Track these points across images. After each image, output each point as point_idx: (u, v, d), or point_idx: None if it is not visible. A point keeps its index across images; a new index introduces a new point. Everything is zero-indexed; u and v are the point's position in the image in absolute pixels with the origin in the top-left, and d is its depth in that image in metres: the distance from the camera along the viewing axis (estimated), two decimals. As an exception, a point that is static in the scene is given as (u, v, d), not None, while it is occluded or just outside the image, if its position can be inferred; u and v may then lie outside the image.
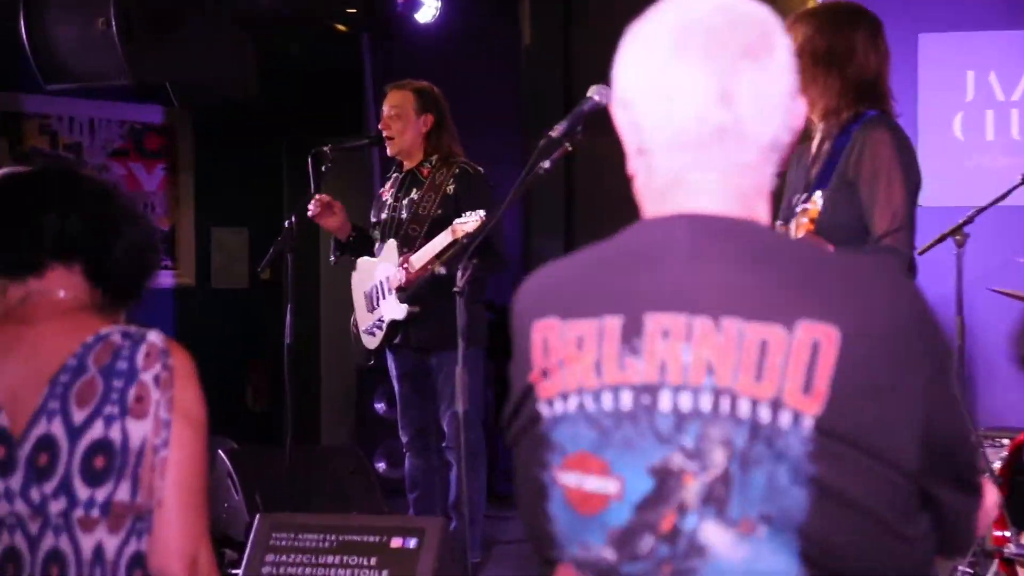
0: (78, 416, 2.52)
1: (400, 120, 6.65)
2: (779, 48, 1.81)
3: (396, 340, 6.74)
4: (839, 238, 4.05)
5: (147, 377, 2.54)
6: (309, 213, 6.31)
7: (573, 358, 1.81)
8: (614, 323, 1.77)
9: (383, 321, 6.78)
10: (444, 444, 6.72)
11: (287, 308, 6.36)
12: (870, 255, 4.04)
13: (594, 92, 3.77)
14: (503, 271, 6.92)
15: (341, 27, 9.37)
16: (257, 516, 5.38)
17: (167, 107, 10.59)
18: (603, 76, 3.39)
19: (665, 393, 1.72)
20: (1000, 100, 7.82)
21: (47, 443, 2.52)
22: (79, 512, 2.48)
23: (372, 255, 6.91)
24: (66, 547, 2.51)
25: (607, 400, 1.76)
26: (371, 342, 6.93)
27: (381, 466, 8.64)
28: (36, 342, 2.60)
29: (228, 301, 11.60)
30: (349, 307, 7.38)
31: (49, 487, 2.50)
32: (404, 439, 6.90)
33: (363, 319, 7.00)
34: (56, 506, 2.49)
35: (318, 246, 10.03)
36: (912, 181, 4.25)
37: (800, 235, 3.92)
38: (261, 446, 8.59)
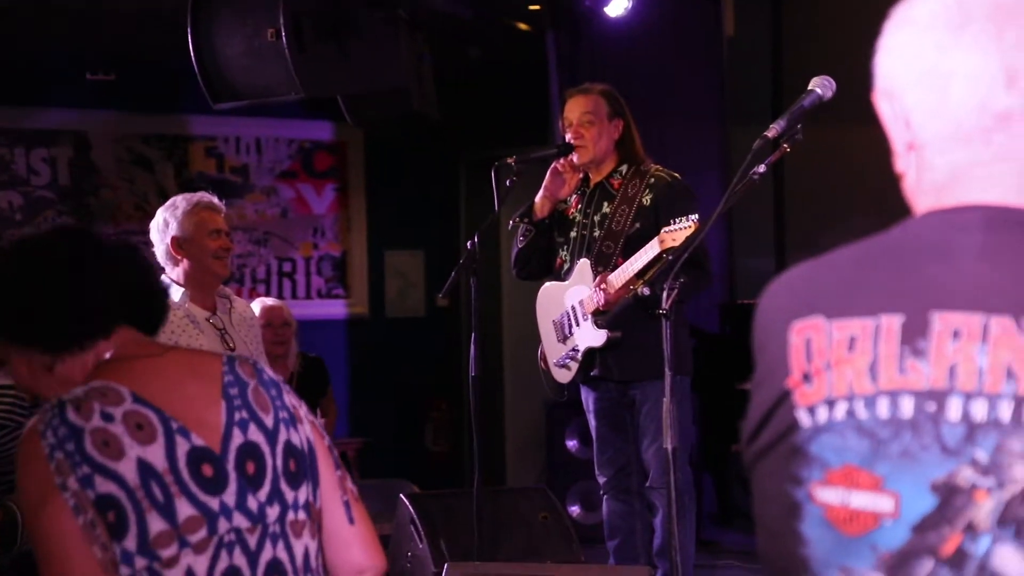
0: (268, 421, 2.60)
1: (595, 126, 6.26)
2: None
3: (593, 371, 6.25)
4: None
5: (285, 388, 2.69)
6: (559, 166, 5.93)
7: (843, 361, 1.67)
8: (893, 322, 1.63)
9: (578, 350, 6.30)
10: (647, 485, 6.15)
11: (469, 338, 6.03)
12: None
13: (816, 85, 3.67)
14: (708, 288, 6.48)
15: (524, 26, 9.19)
16: (445, 566, 5.24)
17: (337, 123, 10.45)
18: (818, 68, 3.45)
19: (955, 400, 1.58)
20: None
21: (252, 451, 2.59)
22: (291, 516, 2.57)
23: (558, 278, 6.45)
24: (283, 555, 2.58)
25: (883, 407, 1.62)
26: (564, 375, 6.46)
27: (575, 510, 8.14)
28: (183, 369, 2.66)
29: (404, 331, 11.31)
30: (535, 335, 6.88)
31: (263, 494, 2.56)
32: (602, 480, 6.44)
33: (553, 350, 6.55)
34: (272, 512, 2.56)
35: (499, 269, 9.70)
36: None
37: None
38: (444, 489, 8.10)
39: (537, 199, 6.44)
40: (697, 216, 5.55)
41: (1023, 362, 1.53)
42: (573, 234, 6.43)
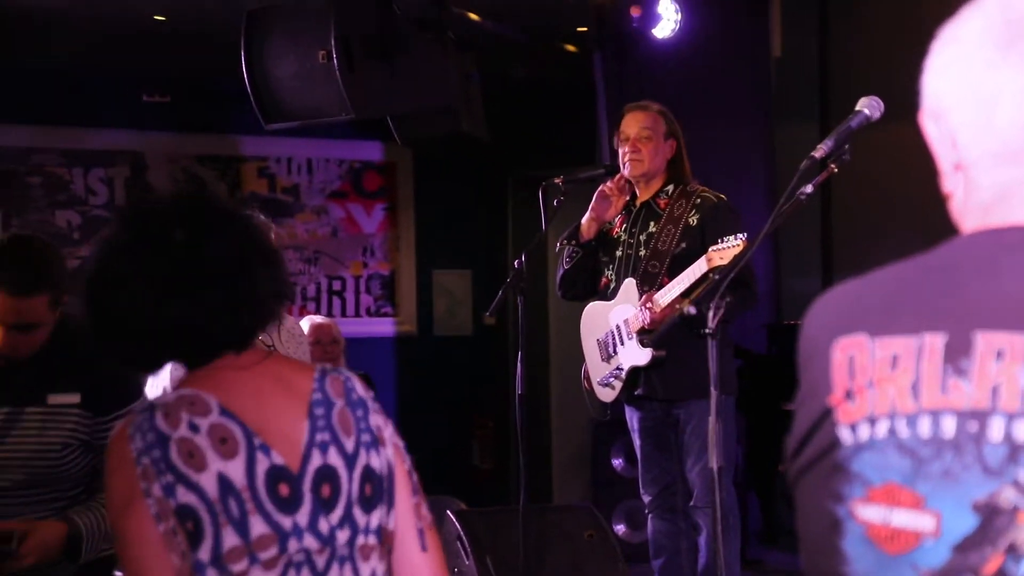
0: (348, 445, 2.62)
1: (651, 142, 6.28)
2: None
3: (637, 391, 6.24)
4: None
5: (373, 407, 2.66)
6: (607, 189, 5.89)
7: (886, 379, 1.69)
8: (936, 341, 1.64)
9: (622, 369, 6.32)
10: (692, 504, 6.15)
11: (516, 356, 6.01)
12: None
13: (864, 105, 3.66)
14: (754, 307, 6.49)
15: (571, 48, 9.06)
16: None
17: (387, 143, 10.51)
18: (865, 88, 3.31)
19: (997, 420, 1.58)
20: None
21: (328, 474, 2.61)
22: (361, 540, 2.59)
23: (604, 297, 6.48)
24: (353, 571, 2.62)
25: (925, 426, 1.64)
26: (608, 395, 6.46)
27: (620, 528, 8.16)
28: (273, 382, 2.70)
29: (451, 349, 11.42)
30: (581, 354, 6.82)
31: (335, 517, 2.59)
32: (647, 499, 6.38)
33: (597, 369, 6.54)
34: (343, 536, 2.58)
35: (546, 288, 9.70)
36: None
37: None
38: (490, 507, 8.14)
39: (584, 220, 6.44)
40: (745, 235, 5.55)
41: None
42: (619, 253, 6.42)
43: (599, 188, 6.37)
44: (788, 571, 7.25)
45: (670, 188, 6.32)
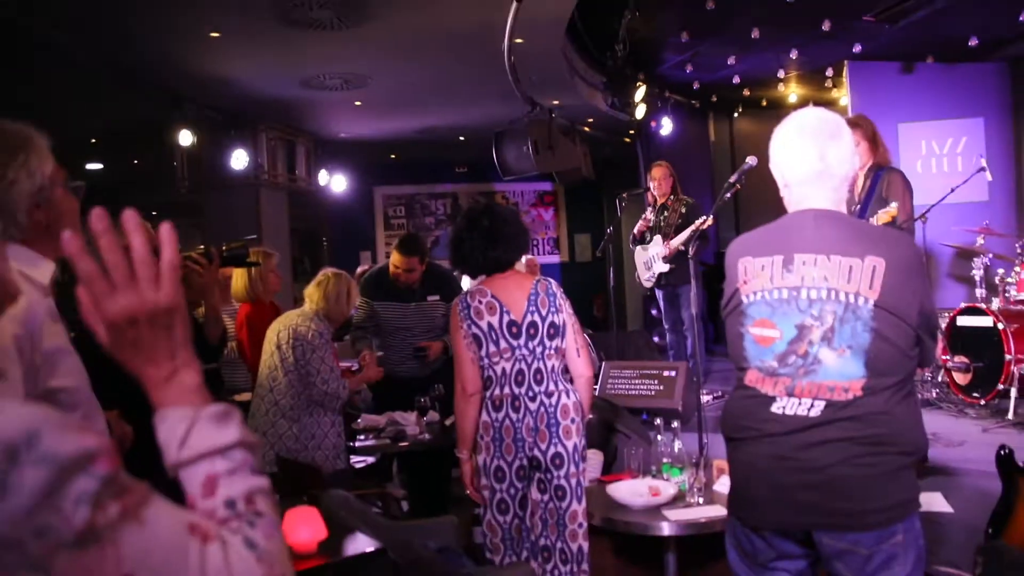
0: (543, 312, 3.13)
1: (666, 180, 7.25)
2: (846, 132, 2.15)
3: (662, 282, 7.25)
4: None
5: (559, 294, 3.19)
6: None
7: (758, 275, 2.14)
8: (778, 258, 2.10)
9: (653, 274, 7.31)
10: (684, 328, 7.11)
11: (610, 270, 7.03)
12: (897, 230, 3.99)
13: (749, 159, 3.54)
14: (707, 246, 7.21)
15: (627, 139, 10.92)
16: (603, 364, 6.21)
17: (554, 183, 12.73)
18: (751, 152, 3.31)
19: (803, 291, 2.06)
20: (937, 153, 8.99)
21: (532, 324, 3.11)
22: (548, 351, 3.13)
23: (643, 243, 7.38)
24: (541, 365, 3.14)
25: (775, 294, 2.10)
26: (649, 283, 7.42)
27: (656, 339, 8.64)
28: (513, 283, 3.20)
29: (582, 268, 13.42)
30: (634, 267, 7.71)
31: (534, 343, 3.11)
32: (666, 327, 7.50)
33: (642, 273, 7.44)
34: (539, 349, 3.11)
35: (621, 243, 10.90)
36: (911, 196, 4.59)
37: (881, 222, 4.09)
38: (601, 331, 9.14)
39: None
40: (708, 216, 5.46)
41: (831, 273, 2.03)
42: (651, 225, 7.32)
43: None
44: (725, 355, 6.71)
45: (672, 197, 7.28)
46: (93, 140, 9.23)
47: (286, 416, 4.06)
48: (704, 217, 5.85)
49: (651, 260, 7.38)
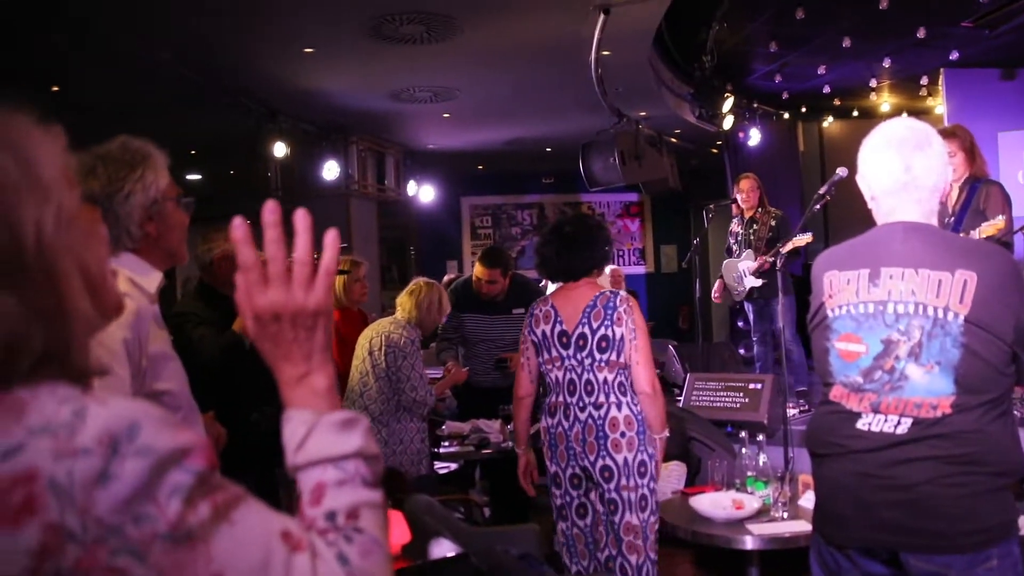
0: (595, 324, 3.13)
1: (755, 192, 7.07)
2: (935, 142, 2.09)
3: (753, 295, 7.13)
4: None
5: (621, 308, 3.15)
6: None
7: (844, 289, 2.11)
8: (865, 272, 2.08)
9: (745, 287, 7.16)
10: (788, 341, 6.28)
11: (696, 280, 7.48)
12: (994, 243, 3.88)
13: (839, 171, 3.58)
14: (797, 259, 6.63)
15: (714, 150, 10.84)
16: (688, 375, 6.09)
17: (640, 194, 12.47)
18: (841, 163, 3.28)
19: (890, 305, 2.02)
20: None
21: (582, 336, 3.13)
22: (599, 363, 3.12)
23: (732, 255, 7.25)
24: (591, 377, 3.12)
25: (860, 308, 2.07)
26: (740, 296, 7.28)
27: (741, 351, 8.47)
28: (574, 294, 3.23)
29: (669, 279, 13.45)
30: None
31: (582, 354, 3.13)
32: (755, 338, 7.31)
33: (732, 286, 7.30)
34: (588, 360, 3.13)
35: (708, 254, 10.90)
36: (1011, 209, 4.52)
37: (985, 235, 4.12)
38: (688, 343, 8.93)
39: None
40: (810, 234, 6.09)
41: (919, 287, 1.98)
42: (740, 238, 7.17)
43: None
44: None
45: (759, 209, 7.10)
46: (193, 151, 9.53)
47: (375, 421, 4.13)
48: (806, 234, 6.08)
49: (742, 274, 7.33)
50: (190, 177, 10.90)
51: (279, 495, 3.11)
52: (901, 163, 2.06)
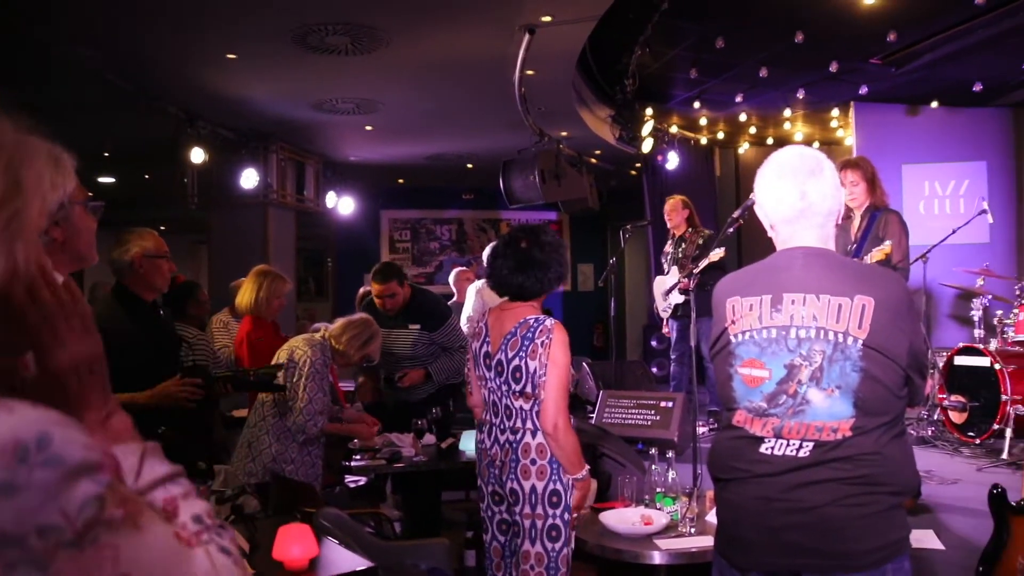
0: (510, 354, 3.04)
1: (677, 212, 7.37)
2: (827, 168, 2.13)
3: (678, 312, 7.31)
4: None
5: (538, 341, 2.99)
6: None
7: (747, 314, 2.13)
8: (767, 298, 2.10)
9: (670, 304, 7.39)
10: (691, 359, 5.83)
11: (612, 299, 7.31)
12: (889, 269, 4.00)
13: (753, 195, 2.70)
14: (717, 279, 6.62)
15: (633, 172, 10.82)
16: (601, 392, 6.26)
17: (559, 213, 12.52)
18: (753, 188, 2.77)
19: (793, 330, 2.05)
20: (940, 195, 9.14)
21: (500, 362, 3.08)
22: (514, 391, 3.04)
23: (662, 273, 7.50)
24: (509, 403, 3.07)
25: (763, 333, 2.09)
26: (665, 313, 7.46)
27: (655, 369, 9.36)
28: (508, 318, 3.11)
29: (585, 297, 13.53)
30: (637, 301, 8.58)
31: (500, 379, 3.08)
32: (673, 356, 7.47)
33: (660, 303, 7.52)
34: (504, 387, 3.06)
35: (624, 273, 11.85)
36: (907, 237, 4.72)
37: (875, 260, 4.27)
38: (600, 360, 8.78)
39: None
40: (720, 249, 6.12)
41: (820, 313, 2.01)
42: (670, 257, 7.41)
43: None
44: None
45: (689, 229, 7.36)
46: (106, 154, 9.31)
47: (270, 433, 4.04)
48: (718, 250, 6.16)
49: (669, 291, 7.44)
50: (103, 180, 10.66)
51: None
52: (796, 190, 2.08)
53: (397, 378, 5.00)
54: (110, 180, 10.78)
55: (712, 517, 3.20)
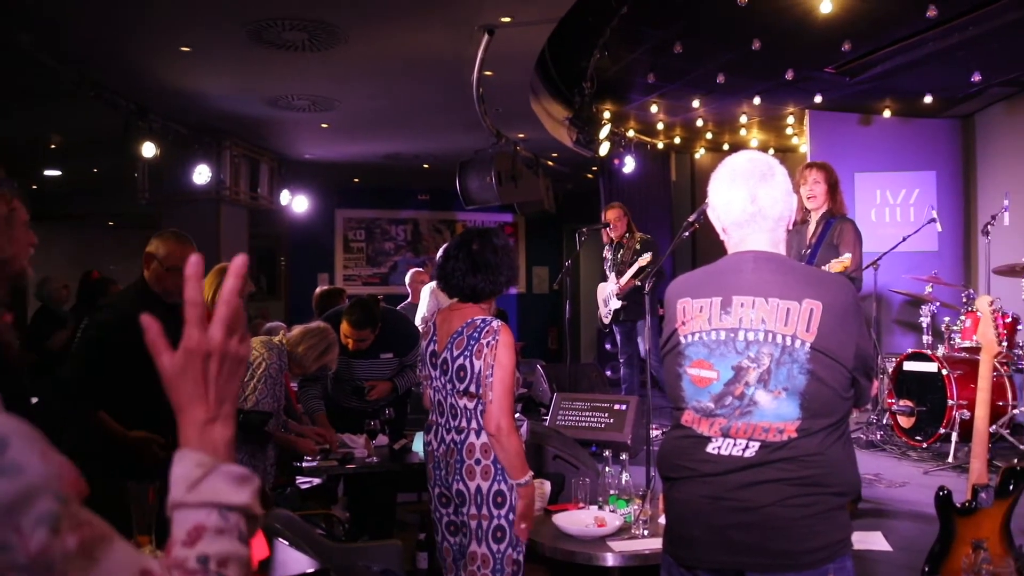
0: (455, 353, 3.07)
1: (622, 221, 7.59)
2: (778, 173, 2.15)
3: (620, 318, 7.58)
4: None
5: (484, 341, 3.01)
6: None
7: (697, 316, 2.15)
8: (716, 300, 2.11)
9: (610, 310, 7.64)
10: (640, 358, 7.23)
11: (567, 301, 7.11)
12: (839, 277, 3.16)
13: (708, 201, 2.92)
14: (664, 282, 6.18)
15: (590, 176, 10.92)
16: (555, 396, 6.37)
17: (515, 215, 12.97)
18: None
19: (741, 332, 2.07)
20: (891, 203, 9.31)
21: (445, 361, 3.10)
22: (458, 389, 3.06)
23: (604, 279, 7.73)
24: (455, 402, 3.07)
25: (713, 335, 2.11)
26: (607, 318, 7.73)
27: (608, 372, 8.94)
28: (456, 318, 3.12)
29: (540, 299, 13.70)
30: (591, 301, 8.03)
31: (445, 379, 3.10)
32: (622, 359, 7.79)
33: (602, 309, 7.75)
34: (449, 386, 3.09)
35: (578, 275, 11.31)
36: (861, 247, 4.75)
37: (834, 271, 4.14)
38: (555, 363, 8.95)
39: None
40: (648, 254, 6.96)
41: (768, 316, 2.04)
42: (610, 263, 7.65)
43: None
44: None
45: (627, 235, 7.57)
46: (52, 146, 9.13)
47: None
48: (644, 255, 6.66)
49: (608, 297, 7.51)
50: (49, 173, 10.42)
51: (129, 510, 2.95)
52: (747, 195, 2.11)
53: (366, 391, 4.97)
54: (56, 173, 10.54)
55: (665, 519, 3.22)
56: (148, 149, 7.57)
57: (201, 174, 8.58)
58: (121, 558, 0.81)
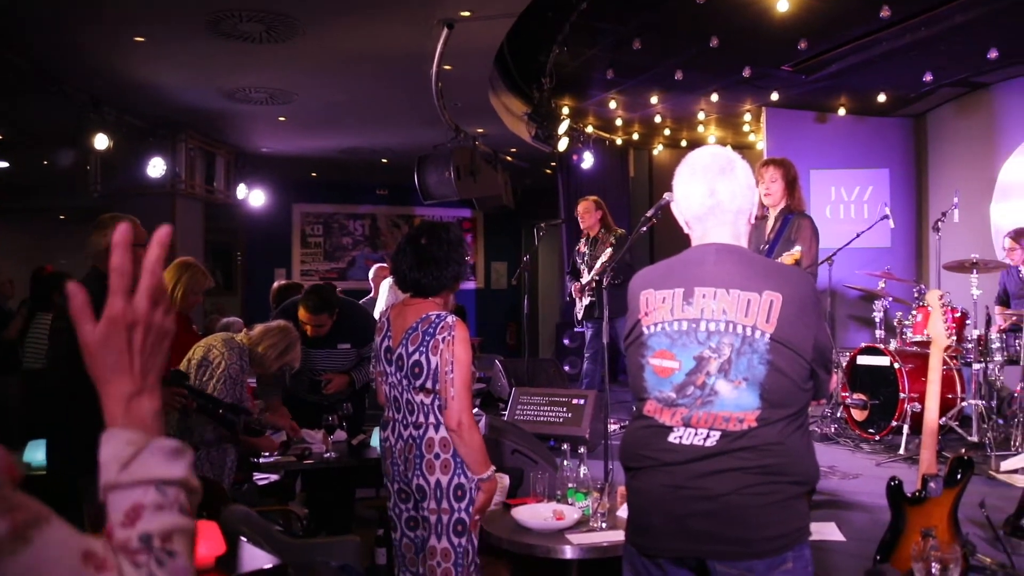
0: (411, 349, 3.06)
1: (590, 214, 7.57)
2: (738, 168, 2.20)
3: (595, 314, 7.45)
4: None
5: (440, 336, 3.02)
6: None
7: (659, 307, 2.17)
8: (679, 291, 2.15)
9: (582, 306, 7.64)
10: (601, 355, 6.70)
11: (525, 297, 7.27)
12: (799, 269, 3.73)
13: (666, 195, 3.04)
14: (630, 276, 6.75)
15: (548, 171, 11.06)
16: (513, 389, 6.37)
17: (474, 210, 13.08)
18: (669, 189, 2.71)
19: (703, 323, 2.11)
20: (845, 200, 9.50)
21: (400, 356, 3.09)
22: (415, 386, 3.05)
23: (577, 276, 7.67)
24: (411, 398, 3.06)
25: (675, 325, 2.14)
26: (579, 313, 7.71)
27: (567, 368, 9.35)
28: (411, 313, 3.12)
29: (498, 295, 13.62)
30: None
31: (400, 374, 3.09)
32: (587, 355, 7.60)
33: (578, 303, 7.72)
34: (404, 382, 3.08)
35: (537, 271, 11.34)
36: (817, 242, 4.81)
37: (788, 262, 4.17)
38: (516, 359, 8.77)
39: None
40: (609, 250, 6.94)
41: (729, 306, 2.07)
42: (586, 258, 7.56)
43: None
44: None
45: (601, 231, 7.52)
46: (0, 137, 9.01)
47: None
48: (608, 249, 6.68)
49: (581, 291, 7.52)
50: (-3, 165, 10.28)
51: (82, 507, 2.94)
52: (706, 188, 2.15)
53: (323, 385, 4.95)
54: (4, 165, 10.39)
55: (623, 512, 3.22)
56: (100, 141, 7.46)
57: (156, 167, 8.48)
58: (59, 539, 0.80)
